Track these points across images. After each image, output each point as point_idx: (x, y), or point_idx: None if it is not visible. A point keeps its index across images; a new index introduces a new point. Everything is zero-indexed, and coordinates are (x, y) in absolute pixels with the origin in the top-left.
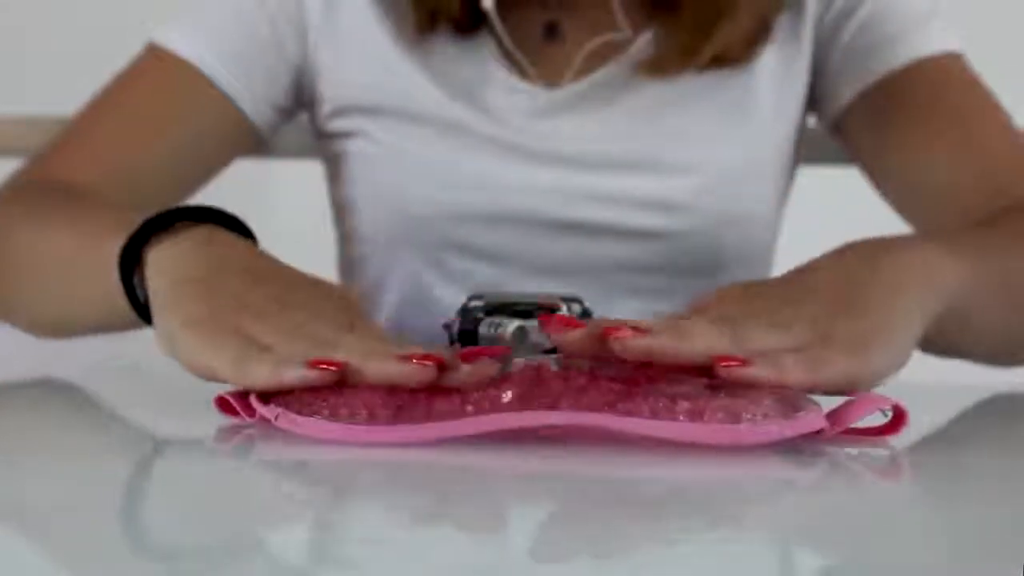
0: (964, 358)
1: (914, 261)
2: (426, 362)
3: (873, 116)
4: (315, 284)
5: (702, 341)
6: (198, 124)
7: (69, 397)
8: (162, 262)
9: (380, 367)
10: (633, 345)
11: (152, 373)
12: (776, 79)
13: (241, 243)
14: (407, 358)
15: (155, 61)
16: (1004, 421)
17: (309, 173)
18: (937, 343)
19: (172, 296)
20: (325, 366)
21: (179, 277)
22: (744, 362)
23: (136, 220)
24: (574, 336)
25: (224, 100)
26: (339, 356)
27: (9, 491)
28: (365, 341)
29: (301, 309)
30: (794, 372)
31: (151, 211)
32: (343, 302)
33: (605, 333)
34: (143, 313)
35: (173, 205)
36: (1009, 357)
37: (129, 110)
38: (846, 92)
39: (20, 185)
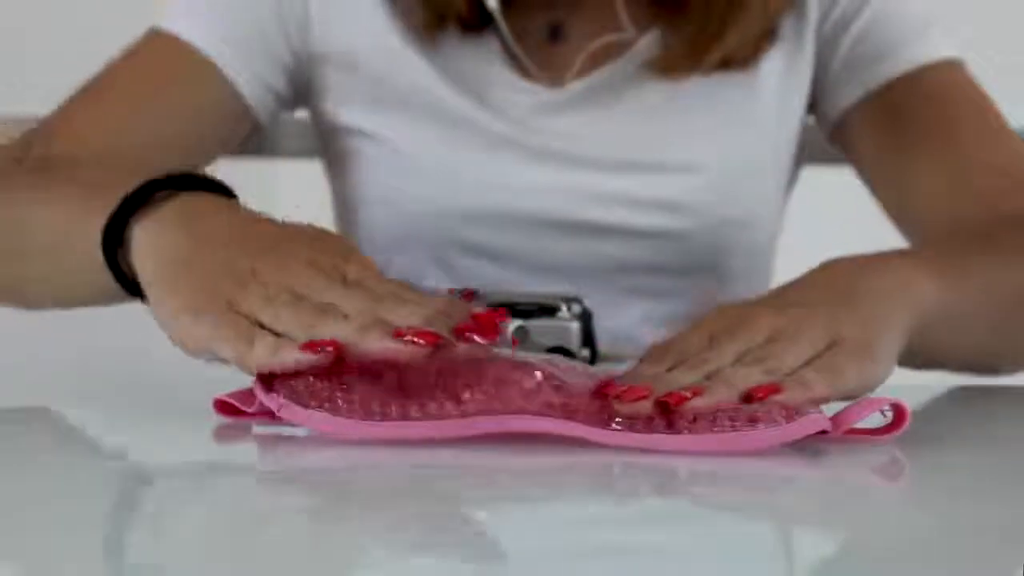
0: (942, 369)
1: (893, 276)
2: (420, 340)
3: (872, 123)
4: (299, 229)
5: (743, 383)
6: (195, 104)
7: (66, 398)
8: (146, 243)
9: (375, 344)
10: (697, 405)
11: (151, 373)
12: (779, 81)
13: (222, 208)
14: (401, 334)
15: (155, 42)
16: (1004, 418)
17: (311, 173)
18: (914, 357)
19: (163, 281)
20: (320, 348)
21: (165, 259)
22: (777, 389)
23: (116, 195)
24: (643, 408)
25: (222, 81)
26: (334, 329)
27: (10, 488)
28: (359, 298)
29: (293, 261)
30: (818, 388)
31: (128, 185)
32: (332, 241)
33: (669, 402)
34: (131, 289)
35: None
36: (986, 370)
37: (126, 88)
38: (845, 98)
39: (7, 160)
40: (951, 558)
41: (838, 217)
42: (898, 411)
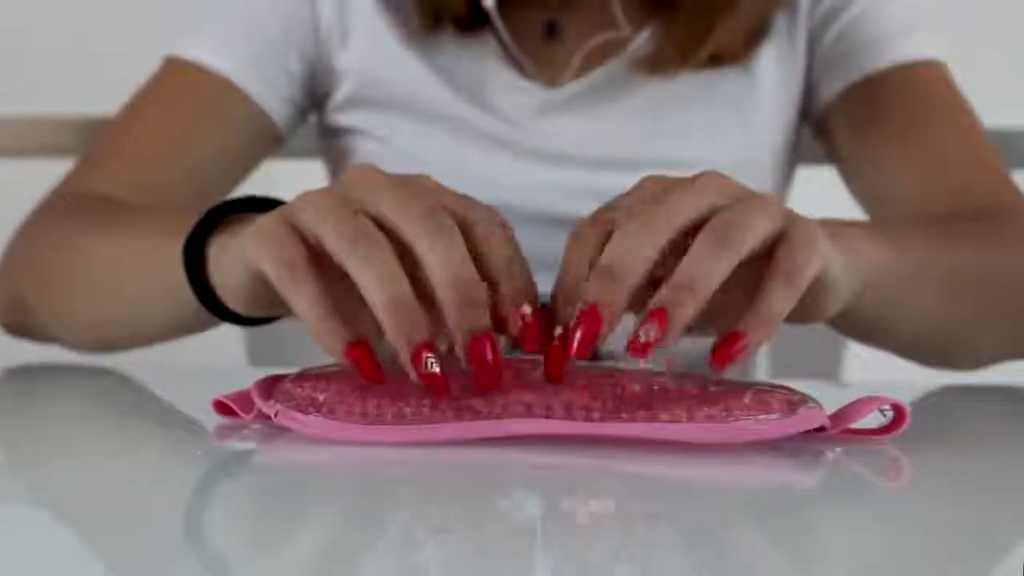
0: (888, 348)
1: (838, 233)
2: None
3: (849, 117)
4: None
5: (707, 283)
6: (225, 129)
7: (65, 393)
8: (224, 258)
9: (404, 356)
10: (671, 338)
11: (152, 372)
12: (775, 78)
13: None
14: (421, 365)
15: (176, 72)
16: (1004, 418)
17: (313, 173)
18: (857, 321)
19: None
20: (357, 355)
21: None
22: (736, 340)
23: (189, 219)
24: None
25: (248, 103)
26: (369, 266)
27: (12, 485)
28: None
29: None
30: (779, 301)
31: (202, 209)
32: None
33: (637, 350)
34: (209, 304)
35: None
36: (925, 355)
37: (157, 123)
38: (828, 91)
39: (55, 201)
40: (951, 558)
41: (837, 217)
42: (898, 411)
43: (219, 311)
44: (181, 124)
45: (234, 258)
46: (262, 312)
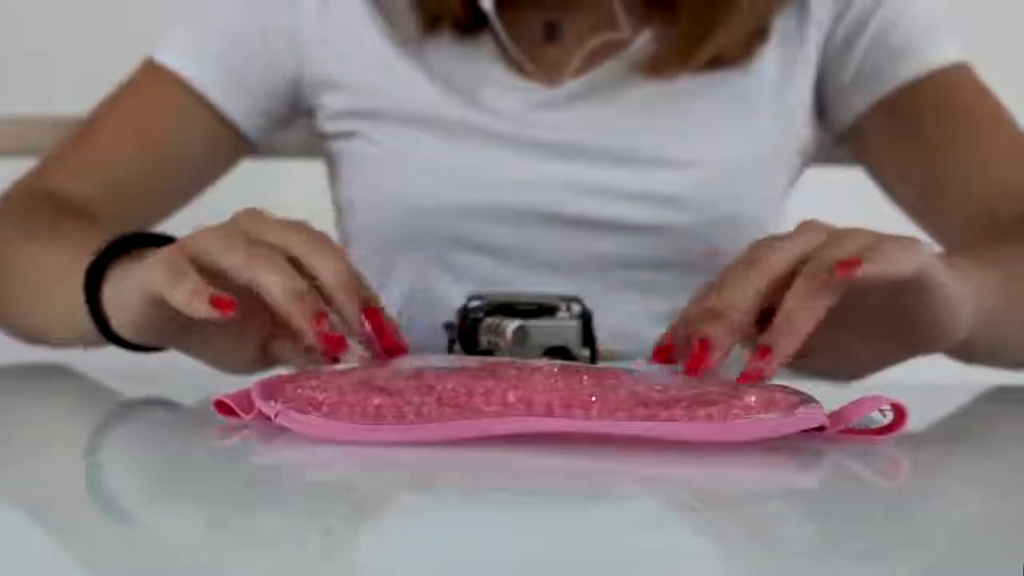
0: (991, 365)
1: (958, 267)
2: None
3: (886, 127)
4: None
5: (804, 324)
6: (190, 138)
7: (67, 393)
8: (118, 288)
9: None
10: (774, 368)
11: (153, 372)
12: (776, 80)
13: None
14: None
15: (149, 76)
16: (1004, 419)
17: (313, 173)
18: (970, 346)
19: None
20: (220, 306)
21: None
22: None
23: (101, 247)
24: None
25: (215, 113)
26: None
27: (10, 486)
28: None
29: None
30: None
31: (112, 236)
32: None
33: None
34: (106, 332)
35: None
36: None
37: (122, 124)
38: (859, 102)
39: (16, 197)
40: (951, 558)
41: (838, 217)
42: (898, 411)
43: (111, 337)
44: (147, 128)
45: (129, 287)
46: (146, 340)
